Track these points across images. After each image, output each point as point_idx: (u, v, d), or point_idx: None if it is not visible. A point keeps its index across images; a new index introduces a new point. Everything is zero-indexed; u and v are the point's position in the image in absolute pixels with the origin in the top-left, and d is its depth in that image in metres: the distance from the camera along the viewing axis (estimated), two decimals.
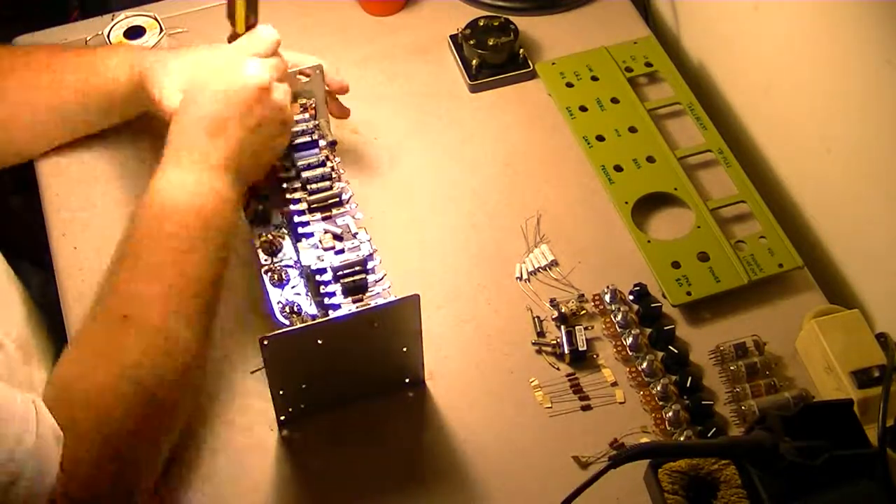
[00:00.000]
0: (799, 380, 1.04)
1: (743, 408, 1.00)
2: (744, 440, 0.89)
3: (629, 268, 1.11)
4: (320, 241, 0.97)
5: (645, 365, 1.03)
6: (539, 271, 1.11)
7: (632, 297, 1.08)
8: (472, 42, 1.27)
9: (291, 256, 0.99)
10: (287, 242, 1.00)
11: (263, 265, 0.98)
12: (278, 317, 0.95)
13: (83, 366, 0.86)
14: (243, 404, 1.01)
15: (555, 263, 1.11)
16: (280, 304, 0.96)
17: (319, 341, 0.91)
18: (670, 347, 1.04)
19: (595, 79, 1.26)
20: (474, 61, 1.27)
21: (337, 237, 0.97)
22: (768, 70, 1.18)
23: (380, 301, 0.93)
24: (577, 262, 1.12)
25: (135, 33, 1.20)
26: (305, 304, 0.96)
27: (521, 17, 1.32)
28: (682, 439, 0.98)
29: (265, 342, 0.88)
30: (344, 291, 0.94)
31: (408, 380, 1.01)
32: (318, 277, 0.95)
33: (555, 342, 1.05)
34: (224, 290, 1.07)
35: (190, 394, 0.93)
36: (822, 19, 1.07)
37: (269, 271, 0.98)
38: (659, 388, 1.01)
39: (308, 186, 1.01)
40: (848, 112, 1.06)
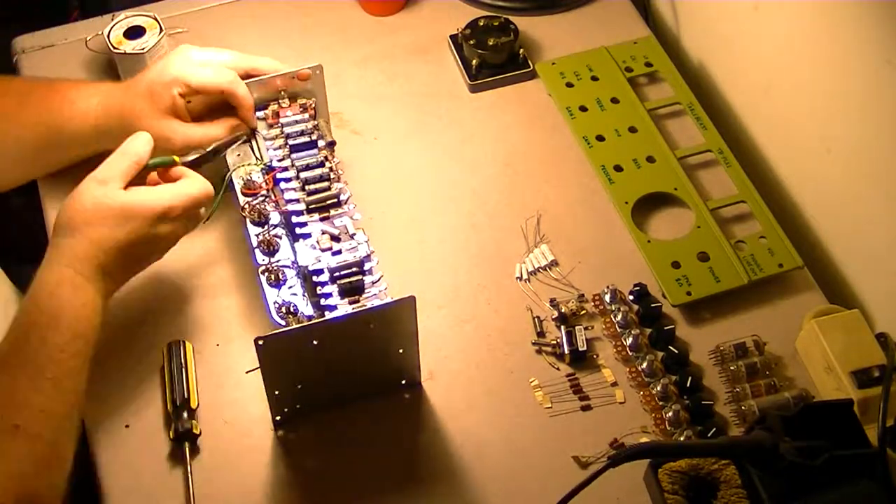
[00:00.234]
0: (799, 380, 1.04)
1: (743, 408, 1.00)
2: (744, 440, 0.89)
3: (629, 268, 1.11)
4: (318, 241, 0.97)
5: (645, 365, 1.03)
6: (539, 271, 1.11)
7: (632, 297, 1.08)
8: (472, 42, 1.26)
9: (288, 256, 0.99)
10: (284, 242, 1.00)
11: (260, 265, 0.98)
12: (274, 317, 0.95)
13: None
14: (239, 404, 1.01)
15: (555, 263, 1.11)
16: (276, 305, 0.96)
17: (315, 342, 0.91)
18: (670, 347, 1.04)
19: (595, 79, 1.26)
20: (474, 61, 1.27)
21: (334, 238, 0.97)
22: (768, 70, 1.18)
23: (376, 302, 0.93)
24: (577, 262, 1.11)
25: (135, 33, 1.20)
26: (302, 305, 0.95)
27: (521, 17, 1.32)
28: (682, 439, 0.98)
29: (260, 342, 0.88)
30: (340, 292, 0.94)
31: (404, 381, 1.01)
32: (314, 278, 0.95)
33: (555, 342, 1.04)
34: (223, 290, 1.07)
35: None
36: (822, 19, 1.06)
37: (265, 271, 0.98)
38: (659, 388, 1.01)
39: (306, 187, 1.01)
40: (848, 112, 1.05)
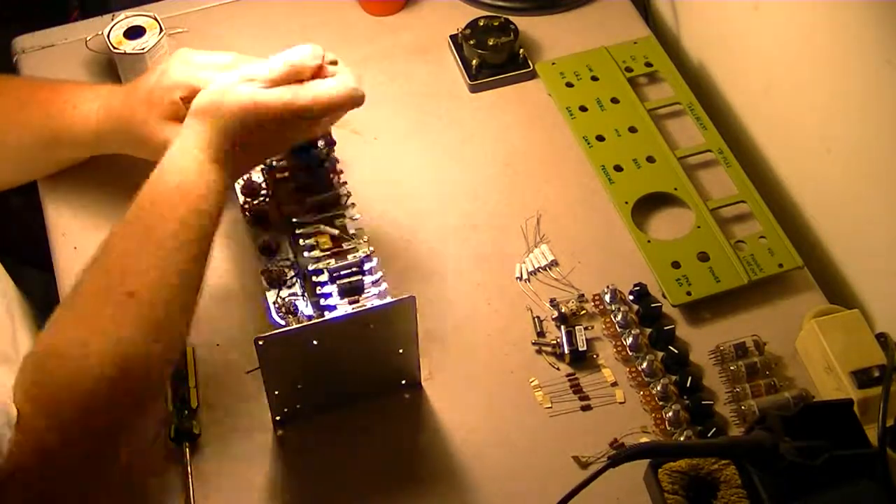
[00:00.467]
0: (799, 380, 1.04)
1: (743, 408, 1.00)
2: (744, 440, 0.89)
3: (629, 268, 1.11)
4: (317, 241, 0.97)
5: (645, 365, 1.03)
6: (539, 271, 1.11)
7: (632, 297, 1.08)
8: (472, 42, 1.26)
9: (289, 257, 0.99)
10: (284, 242, 1.00)
11: (261, 265, 0.98)
12: (274, 317, 0.95)
13: (74, 334, 0.83)
14: (239, 404, 1.01)
15: (555, 263, 1.11)
16: (276, 305, 0.96)
17: (315, 342, 0.91)
18: (670, 347, 1.04)
19: (595, 79, 1.26)
20: (474, 61, 1.27)
21: (334, 238, 0.97)
22: (768, 70, 1.18)
23: (376, 302, 0.93)
24: (577, 262, 1.11)
25: (135, 33, 1.20)
26: (302, 305, 0.96)
27: (521, 17, 1.32)
28: (682, 439, 0.98)
29: (260, 342, 0.88)
30: (340, 292, 0.94)
31: (404, 381, 1.01)
32: (314, 278, 0.95)
33: (555, 342, 1.04)
34: (223, 290, 1.07)
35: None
36: (822, 19, 1.06)
37: (266, 271, 0.98)
38: (659, 388, 1.01)
39: (306, 187, 1.01)
40: (848, 112, 1.05)
